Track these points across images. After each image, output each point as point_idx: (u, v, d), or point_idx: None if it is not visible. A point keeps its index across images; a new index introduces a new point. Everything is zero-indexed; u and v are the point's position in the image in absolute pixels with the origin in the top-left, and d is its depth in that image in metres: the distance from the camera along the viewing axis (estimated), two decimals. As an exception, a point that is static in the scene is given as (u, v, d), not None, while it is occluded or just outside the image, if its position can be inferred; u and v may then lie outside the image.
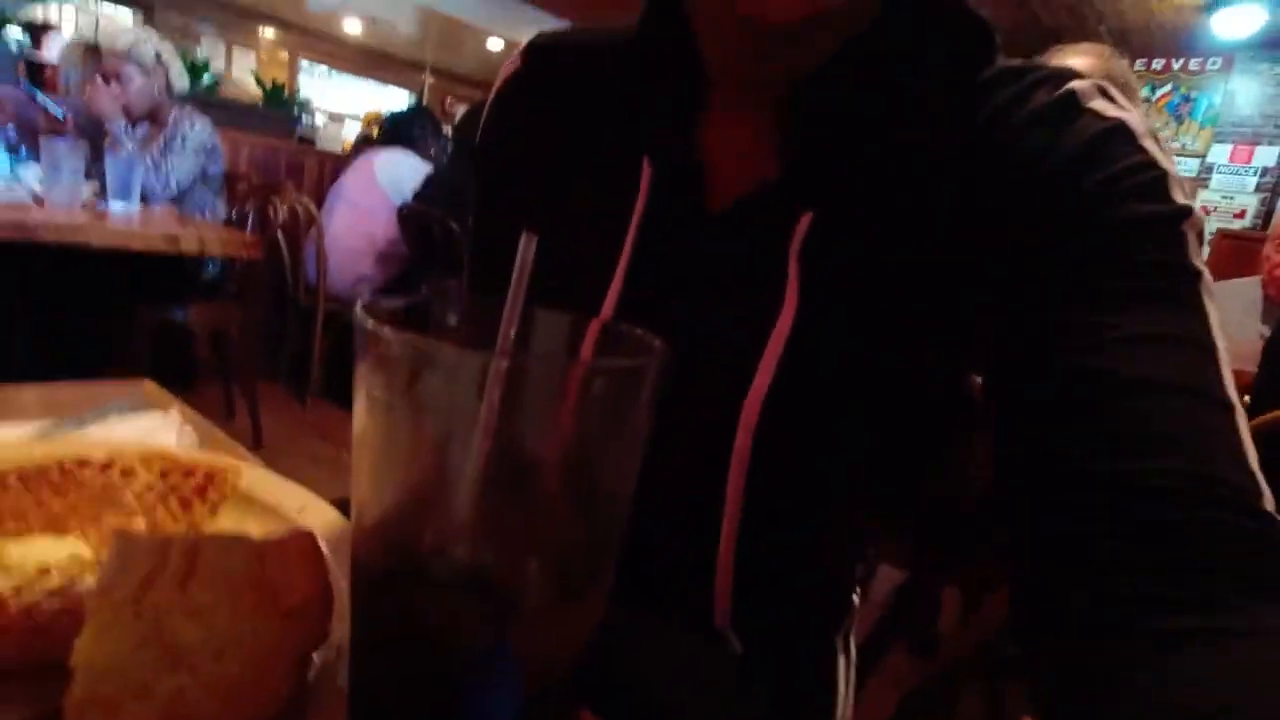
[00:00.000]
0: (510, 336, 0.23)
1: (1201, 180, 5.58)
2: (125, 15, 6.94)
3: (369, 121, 7.08)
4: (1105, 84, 0.40)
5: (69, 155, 1.85)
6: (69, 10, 7.07)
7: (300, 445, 2.58)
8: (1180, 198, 0.37)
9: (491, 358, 0.21)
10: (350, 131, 7.34)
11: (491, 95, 0.55)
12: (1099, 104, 0.39)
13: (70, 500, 0.39)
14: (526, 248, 0.25)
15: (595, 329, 0.27)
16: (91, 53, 2.97)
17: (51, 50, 3.53)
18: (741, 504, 0.44)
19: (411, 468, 0.23)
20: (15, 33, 3.84)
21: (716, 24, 0.40)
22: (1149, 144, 0.38)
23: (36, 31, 4.46)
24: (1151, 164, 0.37)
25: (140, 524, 0.39)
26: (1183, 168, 5.65)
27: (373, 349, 0.21)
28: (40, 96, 2.45)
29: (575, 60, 0.52)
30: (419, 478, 0.23)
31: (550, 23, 6.70)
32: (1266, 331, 1.65)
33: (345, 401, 0.22)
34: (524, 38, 0.56)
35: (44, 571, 0.32)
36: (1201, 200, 5.58)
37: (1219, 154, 5.52)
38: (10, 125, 2.26)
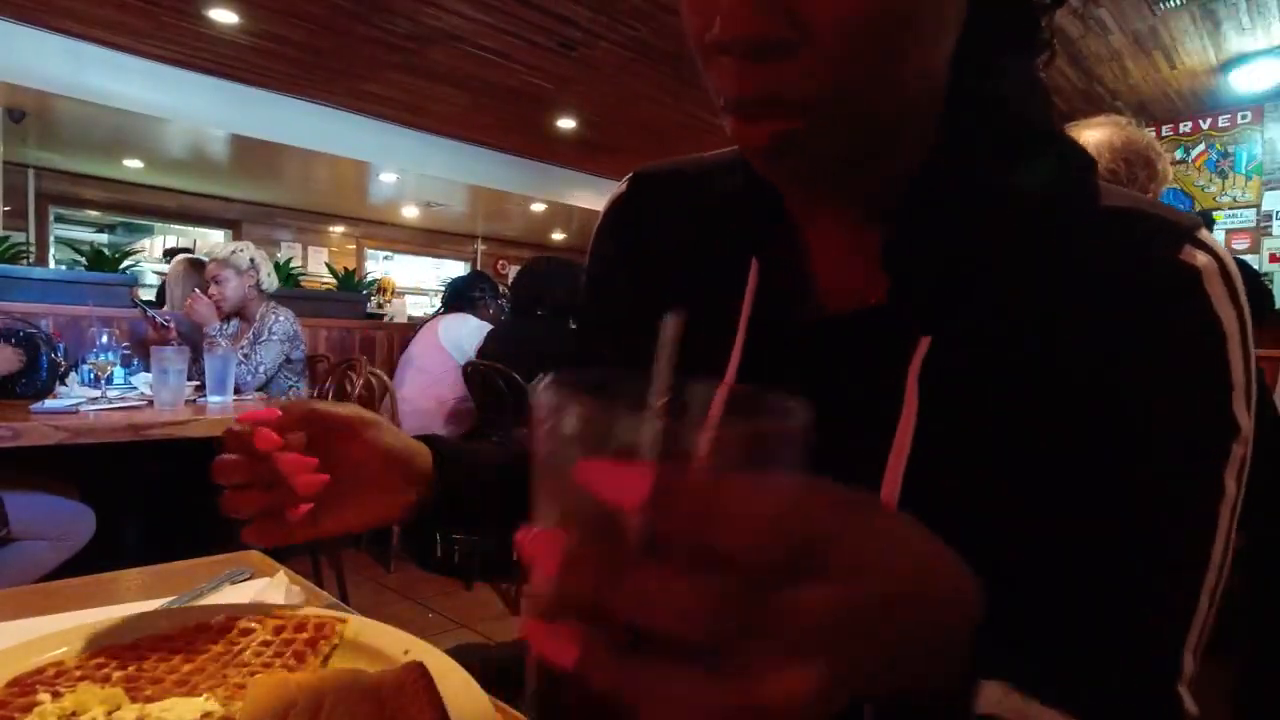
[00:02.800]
0: (663, 402, 0.24)
1: (1264, 229, 5.42)
2: (217, 235, 7.86)
3: (382, 289, 7.54)
4: (1223, 257, 0.40)
5: (174, 360, 2.05)
6: (171, 239, 8.07)
7: (386, 609, 2.59)
8: (1241, 412, 0.39)
9: (647, 418, 0.22)
10: (413, 305, 7.90)
11: (599, 221, 0.60)
12: (1214, 287, 0.39)
13: (198, 663, 0.42)
14: (670, 326, 0.26)
15: (736, 394, 0.27)
16: (192, 268, 3.37)
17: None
18: None
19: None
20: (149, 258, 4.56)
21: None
22: (1234, 352, 0.39)
23: (170, 255, 5.73)
24: (1226, 378, 0.39)
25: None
26: (1239, 219, 5.51)
27: (544, 416, 0.23)
28: (150, 311, 2.76)
29: (676, 182, 0.55)
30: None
31: (588, 181, 7.25)
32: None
33: (425, 562, 0.24)
34: (564, 198, 0.62)
35: None
36: (1268, 249, 5.39)
37: (1273, 201, 5.39)
38: (125, 342, 2.54)
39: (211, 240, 7.73)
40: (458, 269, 9.47)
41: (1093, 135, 1.37)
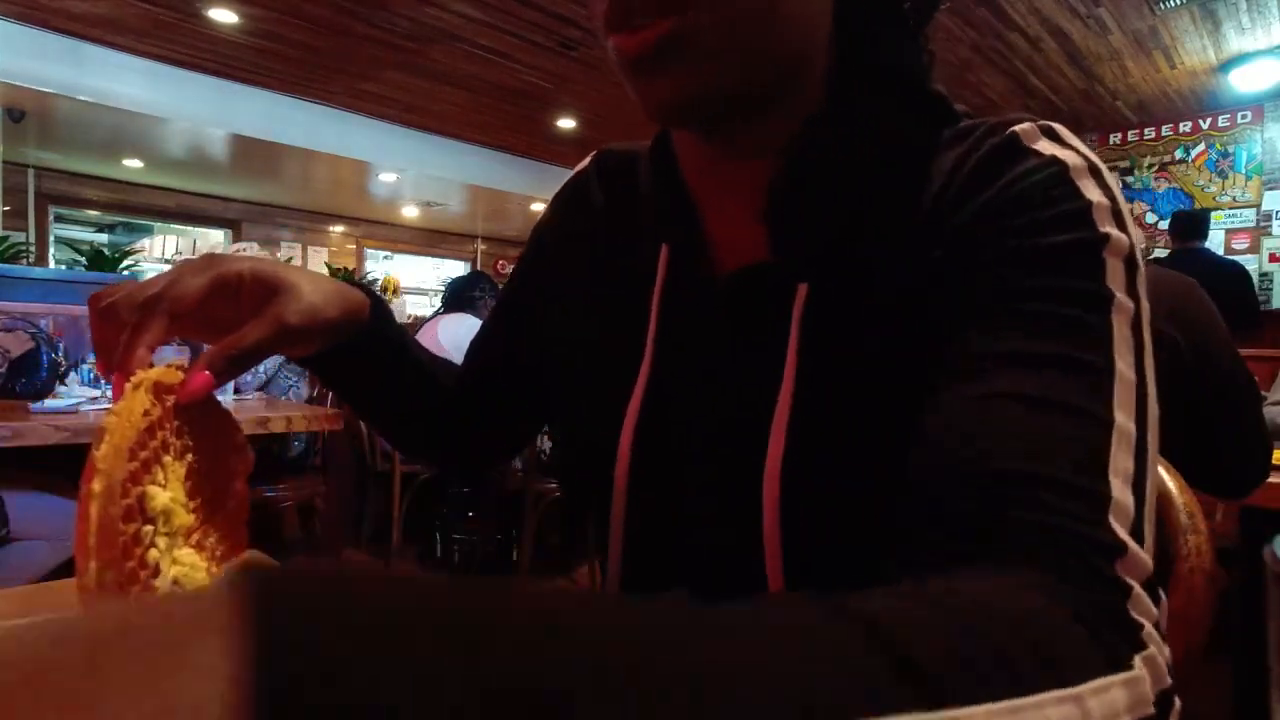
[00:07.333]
0: None
1: (1263, 229, 5.42)
2: (217, 235, 7.87)
3: (384, 288, 7.48)
4: (1054, 125, 0.42)
5: (172, 360, 2.06)
6: (170, 238, 8.07)
7: (386, 610, 2.59)
8: (1107, 226, 0.37)
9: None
10: (413, 304, 7.89)
11: (561, 189, 0.63)
12: (1041, 144, 0.41)
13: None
14: None
15: None
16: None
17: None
18: (782, 577, 0.43)
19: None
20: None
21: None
22: (1083, 180, 0.39)
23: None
24: (1077, 195, 0.38)
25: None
26: (1239, 219, 5.51)
27: None
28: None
29: (628, 165, 0.59)
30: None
31: (586, 181, 7.24)
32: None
33: (424, 560, 0.24)
34: (563, 196, 0.65)
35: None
36: (1268, 249, 5.39)
37: (1273, 200, 5.40)
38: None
39: (211, 240, 7.73)
40: (458, 269, 9.48)
41: None
